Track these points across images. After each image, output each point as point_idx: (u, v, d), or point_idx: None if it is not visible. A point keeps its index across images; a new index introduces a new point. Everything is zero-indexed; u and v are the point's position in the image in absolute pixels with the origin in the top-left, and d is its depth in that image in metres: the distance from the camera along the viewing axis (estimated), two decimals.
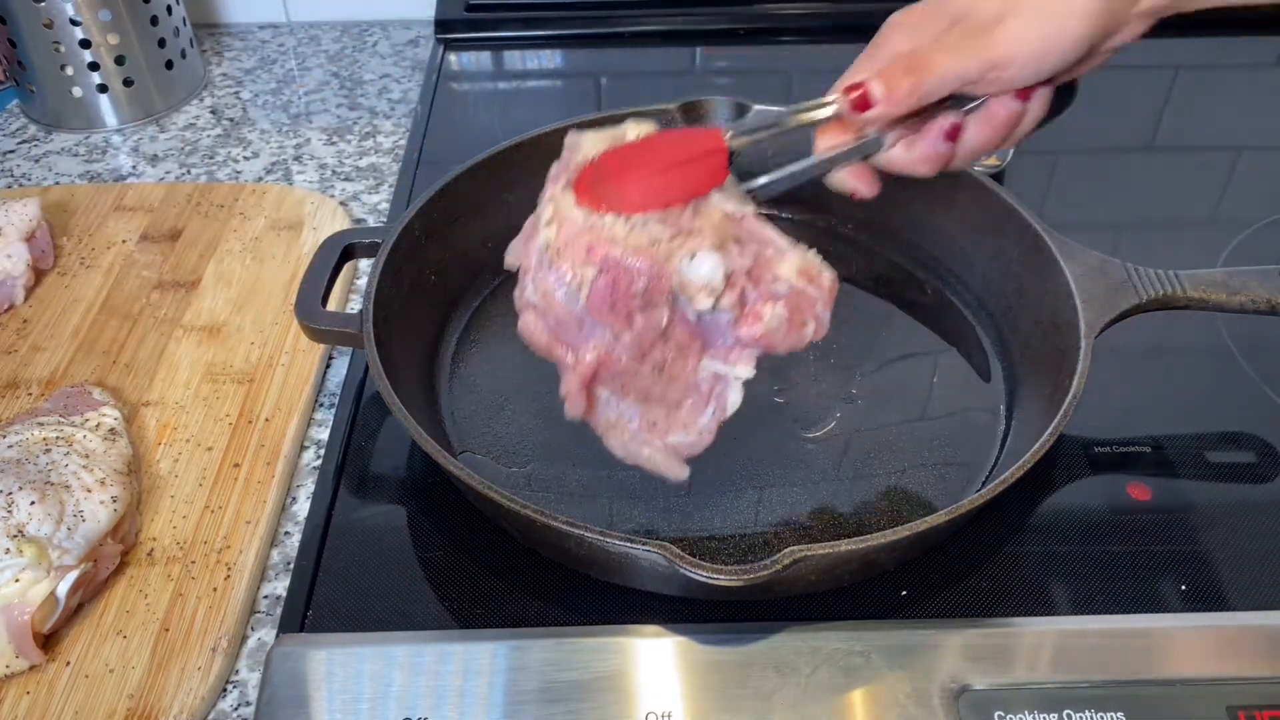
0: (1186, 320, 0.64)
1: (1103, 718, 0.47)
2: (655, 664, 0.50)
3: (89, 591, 0.54)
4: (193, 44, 0.99)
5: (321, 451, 0.63)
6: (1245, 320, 0.62)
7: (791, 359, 0.66)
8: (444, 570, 0.55)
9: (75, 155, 0.91)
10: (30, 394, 0.66)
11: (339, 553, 0.56)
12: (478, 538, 0.56)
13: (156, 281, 0.75)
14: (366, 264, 0.76)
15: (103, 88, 0.92)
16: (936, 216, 0.72)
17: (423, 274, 0.66)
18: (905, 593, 0.53)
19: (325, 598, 0.54)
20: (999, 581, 0.54)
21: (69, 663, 0.51)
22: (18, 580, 0.50)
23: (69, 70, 0.90)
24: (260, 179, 0.88)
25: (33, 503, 0.52)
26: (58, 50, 0.89)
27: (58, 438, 0.57)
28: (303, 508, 0.60)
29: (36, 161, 0.90)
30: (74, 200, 0.82)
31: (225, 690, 0.52)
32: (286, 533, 0.59)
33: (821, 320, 0.50)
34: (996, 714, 0.47)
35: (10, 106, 0.97)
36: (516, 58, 1.04)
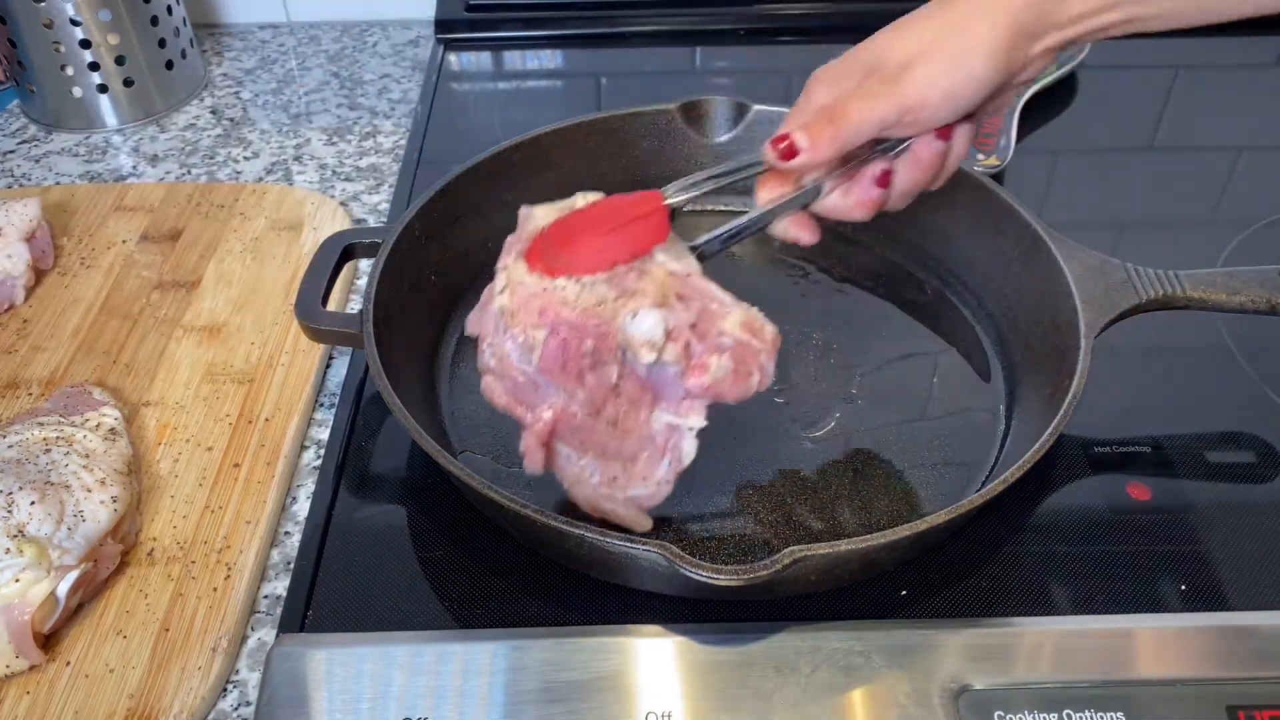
0: (1186, 320, 0.64)
1: (1103, 718, 0.47)
2: (655, 664, 0.50)
3: (89, 591, 0.54)
4: (193, 44, 0.99)
5: (321, 451, 0.63)
6: (1245, 320, 0.62)
7: (791, 359, 0.66)
8: (444, 570, 0.55)
9: (75, 155, 0.91)
10: (30, 394, 0.66)
11: (339, 553, 0.56)
12: (478, 538, 0.56)
13: (157, 281, 0.75)
14: (366, 264, 0.76)
15: (103, 88, 0.92)
16: (936, 216, 0.72)
17: (423, 274, 0.66)
18: (905, 593, 0.53)
19: (325, 598, 0.54)
20: (999, 581, 0.54)
21: (69, 663, 0.51)
22: (18, 580, 0.50)
23: (69, 70, 0.90)
24: (260, 179, 0.88)
25: (33, 503, 0.52)
26: (58, 50, 0.89)
27: (58, 438, 0.57)
28: (303, 508, 0.60)
29: (37, 162, 0.90)
30: (74, 200, 0.82)
31: (225, 690, 0.52)
32: (286, 533, 0.59)
33: (766, 371, 0.52)
34: (996, 714, 0.47)
35: (10, 106, 0.97)
36: (516, 58, 1.04)
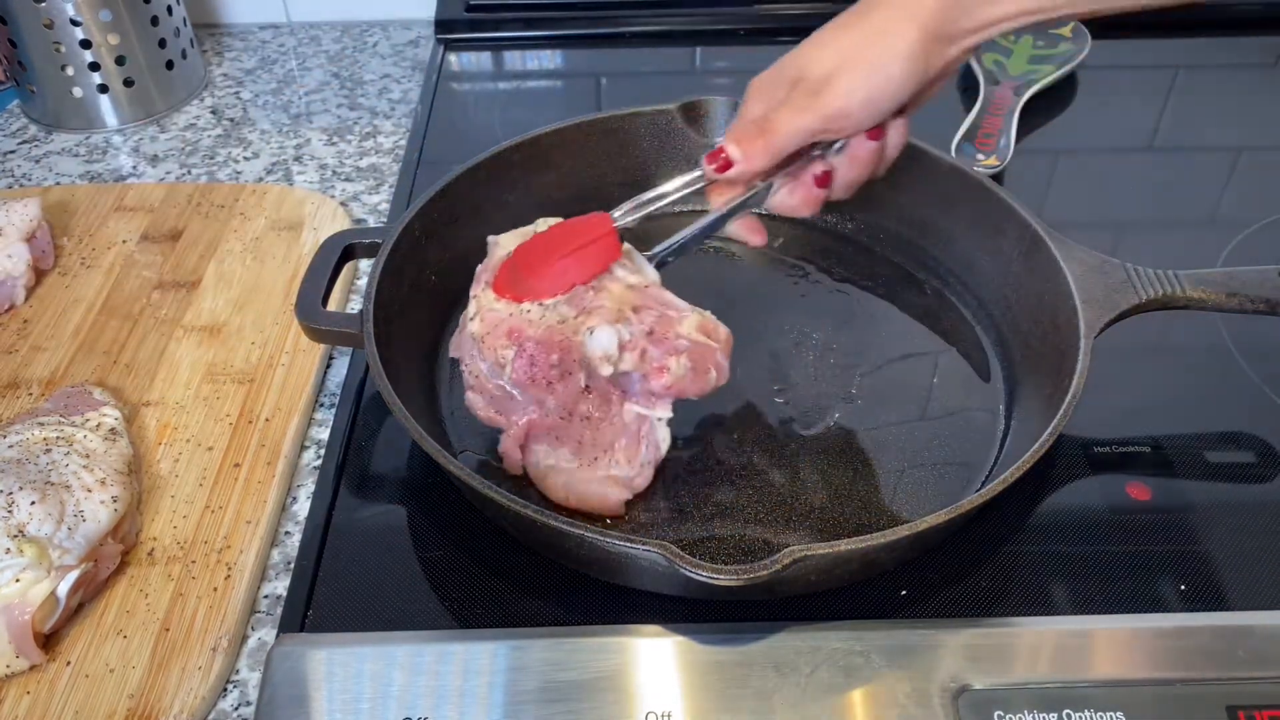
0: (1186, 320, 0.64)
1: (1102, 718, 0.47)
2: (655, 664, 0.50)
3: (89, 591, 0.54)
4: (193, 44, 0.99)
5: (322, 451, 0.64)
6: (1245, 320, 0.62)
7: (791, 359, 0.67)
8: (444, 570, 0.55)
9: (76, 155, 0.91)
10: (31, 394, 0.66)
11: (339, 553, 0.56)
12: (478, 538, 0.56)
13: (157, 282, 0.75)
14: (367, 264, 0.76)
15: (103, 88, 0.92)
16: (936, 216, 0.72)
17: (423, 274, 0.66)
18: (905, 592, 0.53)
19: (325, 597, 0.54)
20: (999, 581, 0.54)
21: (69, 662, 0.51)
22: (18, 580, 0.50)
23: (69, 70, 0.90)
24: (261, 179, 0.88)
25: (33, 503, 0.52)
26: (58, 51, 0.89)
27: (58, 438, 0.57)
28: (303, 507, 0.60)
29: (37, 162, 0.90)
30: (74, 200, 0.82)
31: (225, 690, 0.52)
32: (287, 532, 0.59)
33: (722, 368, 0.56)
34: (996, 714, 0.47)
35: (11, 107, 0.97)
36: (516, 58, 1.04)
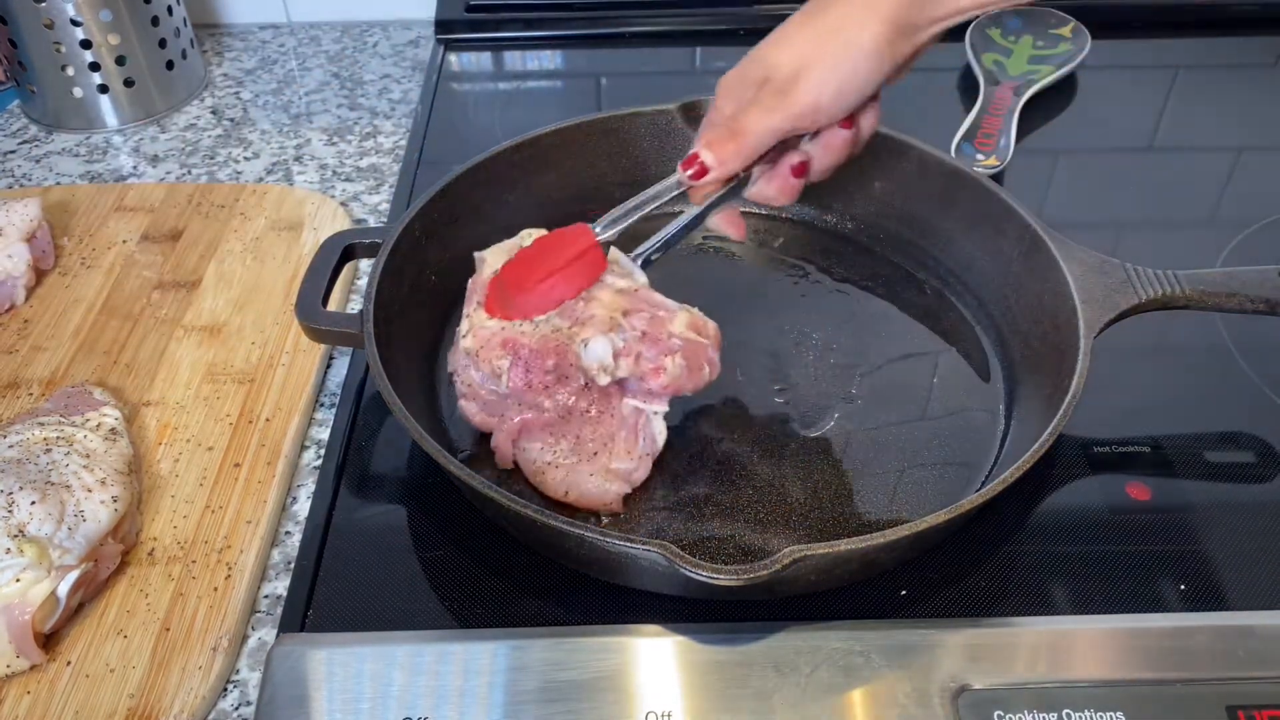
0: (1186, 320, 0.64)
1: (1102, 718, 0.47)
2: (655, 664, 0.50)
3: (89, 591, 0.54)
4: (193, 44, 0.99)
5: (322, 451, 0.64)
6: (1245, 320, 0.62)
7: (791, 359, 0.67)
8: (444, 570, 0.55)
9: (76, 155, 0.91)
10: (31, 394, 0.66)
11: (339, 553, 0.56)
12: (478, 538, 0.56)
13: (157, 282, 0.75)
14: (367, 264, 0.76)
15: (103, 88, 0.92)
16: (936, 216, 0.72)
17: (423, 274, 0.66)
18: (905, 592, 0.53)
19: (325, 597, 0.54)
20: (999, 581, 0.54)
21: (70, 662, 0.52)
22: (18, 580, 0.50)
23: (70, 71, 0.90)
24: (261, 179, 0.88)
25: (33, 502, 0.52)
26: (58, 51, 0.89)
27: (58, 438, 0.57)
28: (303, 507, 0.60)
29: (37, 162, 0.90)
30: (75, 200, 0.82)
31: (226, 690, 0.52)
32: (287, 532, 0.59)
33: (714, 363, 0.58)
34: (996, 714, 0.47)
35: (11, 107, 0.97)
36: (516, 58, 1.04)
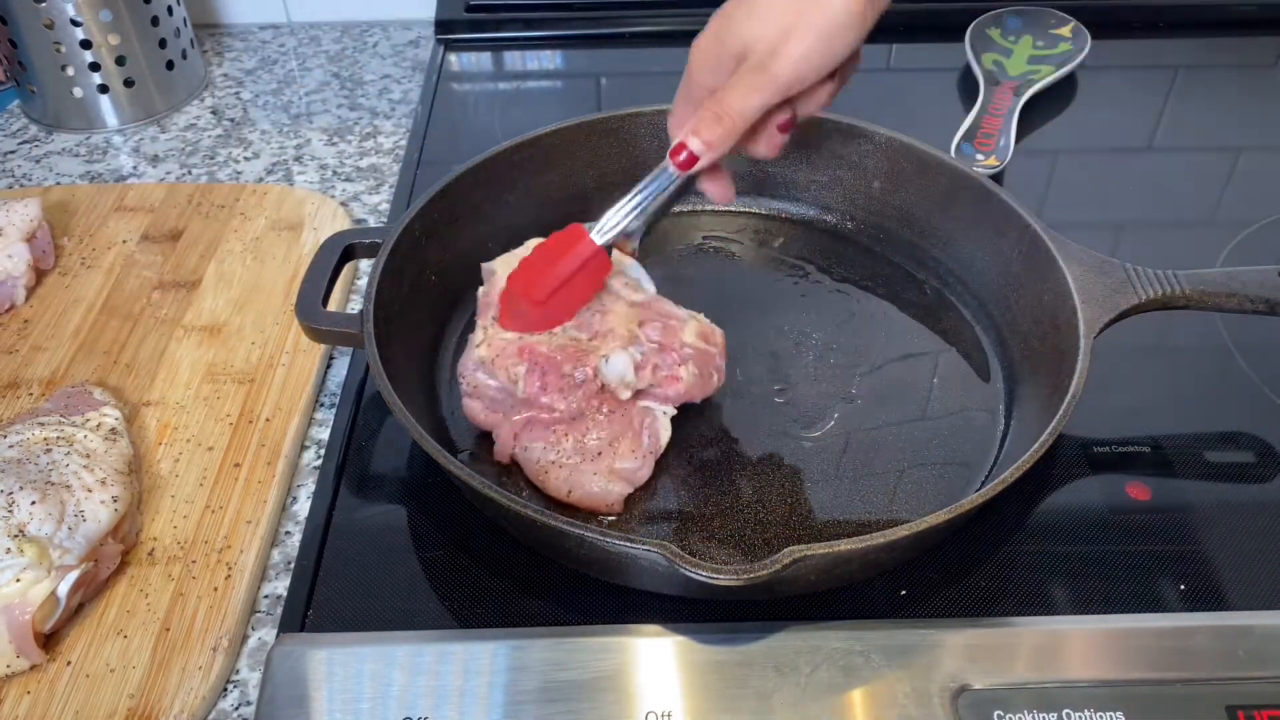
0: (1186, 320, 0.64)
1: (1102, 718, 0.47)
2: (655, 664, 0.50)
3: (90, 591, 0.54)
4: (193, 44, 0.99)
5: (322, 451, 0.64)
6: (1245, 320, 0.62)
7: (791, 359, 0.67)
8: (444, 570, 0.55)
9: (76, 156, 0.91)
10: (31, 394, 0.66)
11: (339, 552, 0.56)
12: (478, 538, 0.56)
13: (157, 282, 0.75)
14: (367, 264, 0.76)
15: (103, 88, 0.92)
16: (936, 216, 0.72)
17: (423, 274, 0.66)
18: (905, 592, 0.53)
19: (325, 597, 0.54)
20: (999, 581, 0.54)
21: (70, 662, 0.52)
22: (19, 580, 0.50)
23: (70, 71, 0.90)
24: (261, 179, 0.88)
25: (33, 502, 0.52)
26: (59, 51, 0.89)
27: (58, 438, 0.57)
28: (303, 507, 0.60)
29: (37, 162, 0.90)
30: (75, 200, 0.82)
31: (226, 690, 0.52)
32: (287, 532, 0.59)
33: (721, 371, 0.61)
34: (996, 713, 0.47)
35: (11, 107, 0.97)
36: (516, 58, 1.04)
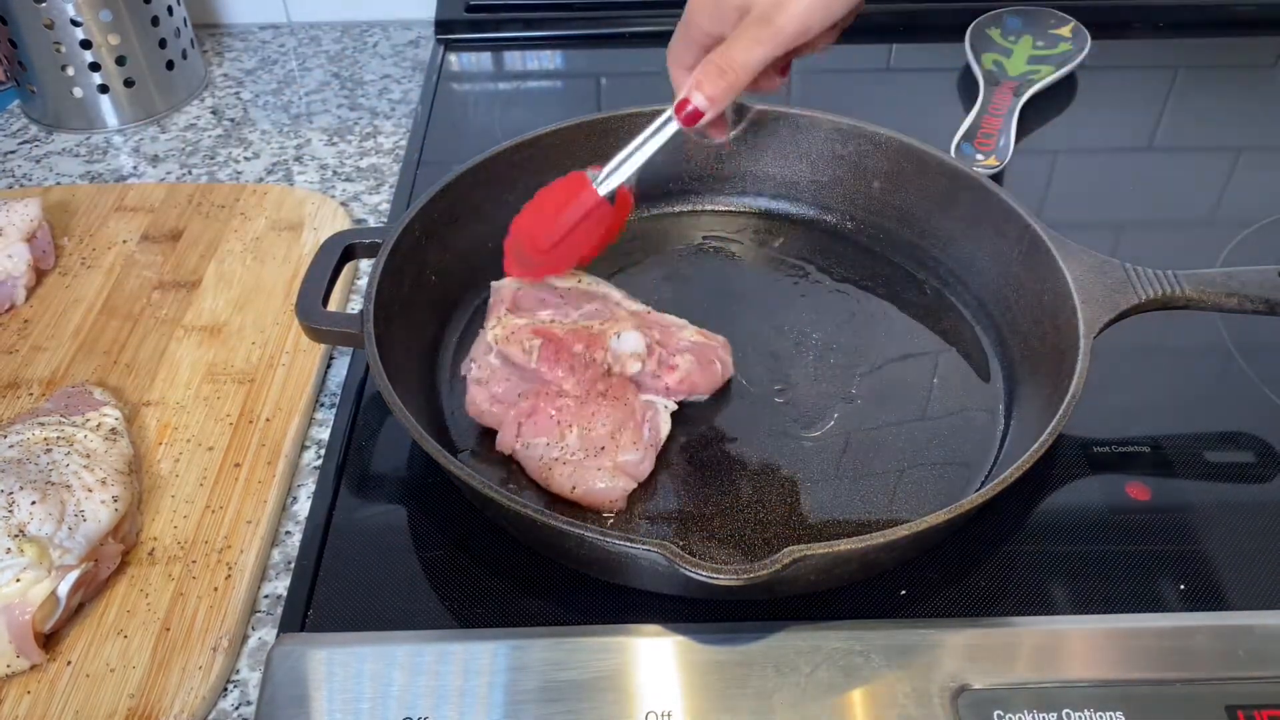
0: (1186, 320, 0.64)
1: (1102, 717, 0.47)
2: (655, 664, 0.50)
3: (90, 591, 0.54)
4: (194, 44, 0.99)
5: (322, 451, 0.64)
6: (1245, 320, 0.62)
7: (791, 359, 0.67)
8: (444, 570, 0.55)
9: (76, 156, 0.91)
10: (31, 394, 0.66)
11: (339, 552, 0.56)
12: (478, 538, 0.56)
13: (157, 282, 0.75)
14: (367, 264, 0.76)
15: (104, 88, 0.92)
16: (936, 216, 0.72)
17: (423, 274, 0.66)
18: (905, 592, 0.53)
19: (326, 597, 0.54)
20: (998, 581, 0.54)
21: (70, 662, 0.52)
22: (19, 580, 0.50)
23: (70, 71, 0.90)
24: (261, 179, 0.88)
25: (34, 502, 0.52)
26: (59, 51, 0.89)
27: (59, 437, 0.57)
28: (303, 507, 0.60)
29: (37, 162, 0.90)
30: (75, 200, 0.82)
31: (226, 690, 0.52)
32: (287, 532, 0.59)
33: (726, 362, 0.63)
34: (995, 713, 0.47)
35: (11, 107, 0.97)
36: (516, 58, 1.04)
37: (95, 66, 0.90)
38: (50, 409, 0.61)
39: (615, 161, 0.59)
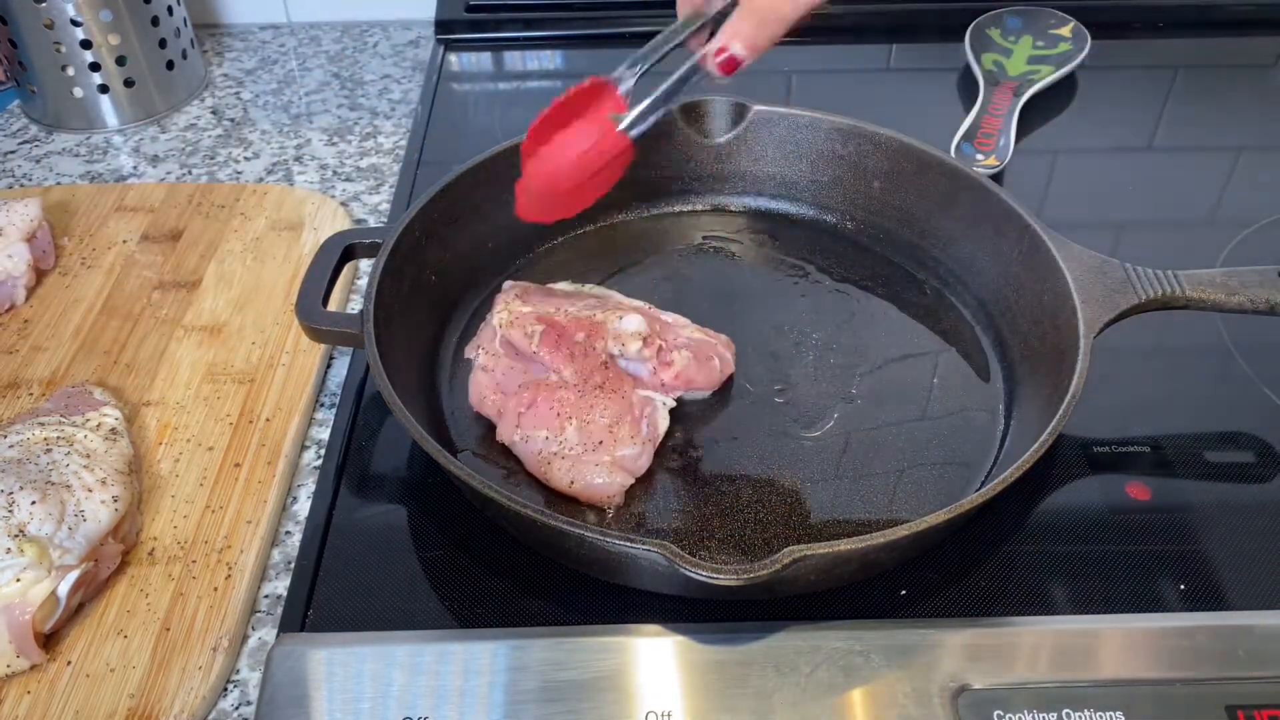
0: (1186, 320, 0.64)
1: (1102, 717, 0.47)
2: (655, 664, 0.50)
3: (90, 591, 0.54)
4: (194, 44, 0.99)
5: (322, 451, 0.64)
6: (1245, 320, 0.62)
7: (791, 359, 0.67)
8: (444, 570, 0.55)
9: (76, 156, 0.91)
10: (31, 394, 0.66)
11: (339, 552, 0.56)
12: (478, 538, 0.56)
13: (157, 282, 0.75)
14: (367, 264, 0.76)
15: (104, 88, 0.92)
16: (936, 217, 0.72)
17: (423, 274, 0.66)
18: (905, 592, 0.53)
19: (325, 597, 0.54)
20: (998, 581, 0.54)
21: (70, 662, 0.52)
22: (19, 580, 0.50)
23: (70, 71, 0.90)
24: (261, 179, 0.88)
25: (34, 502, 0.52)
26: (59, 51, 0.89)
27: (59, 437, 0.57)
28: (303, 507, 0.60)
29: (38, 162, 0.90)
30: (75, 200, 0.82)
31: (226, 690, 0.52)
32: (287, 532, 0.59)
33: (725, 358, 0.64)
34: (995, 713, 0.47)
35: (11, 107, 0.97)
36: (516, 58, 1.04)
37: (95, 66, 0.90)
38: (50, 409, 0.61)
39: (644, 106, 0.56)
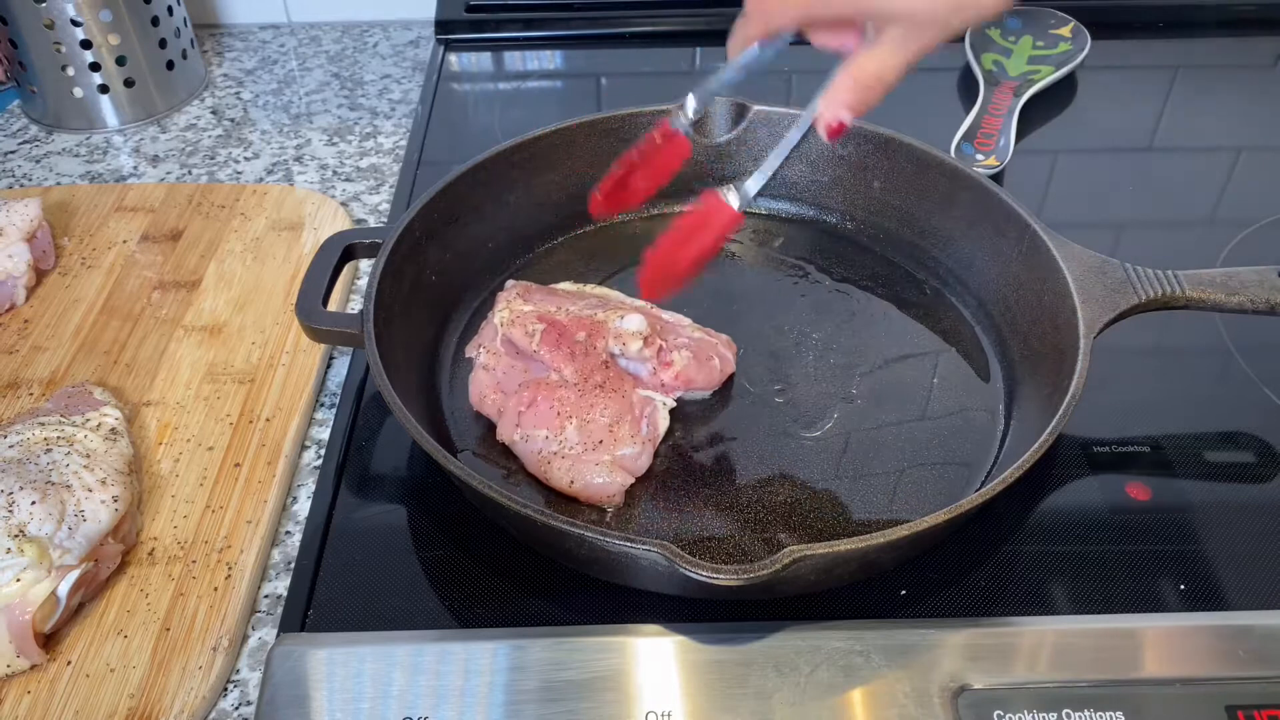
0: (1186, 320, 0.64)
1: (1102, 717, 0.47)
2: (655, 664, 0.50)
3: (90, 591, 0.54)
4: (194, 44, 0.99)
5: (322, 451, 0.64)
6: (1245, 320, 0.62)
7: (791, 359, 0.67)
8: (444, 570, 0.55)
9: (76, 156, 0.91)
10: (31, 394, 0.66)
11: (339, 552, 0.56)
12: (478, 538, 0.56)
13: (157, 282, 0.75)
14: (367, 264, 0.77)
15: (104, 88, 0.92)
16: (936, 216, 0.72)
17: (423, 274, 0.67)
18: (905, 592, 0.53)
19: (325, 597, 0.54)
20: (998, 581, 0.54)
21: (70, 662, 0.52)
22: (19, 580, 0.50)
23: (70, 71, 0.90)
24: (261, 179, 0.88)
25: (34, 502, 0.52)
26: (59, 51, 0.89)
27: (59, 437, 0.57)
28: (303, 507, 0.60)
29: (38, 162, 0.90)
30: (75, 200, 0.82)
31: (226, 689, 0.52)
32: (287, 532, 0.59)
33: (725, 358, 0.64)
34: (995, 713, 0.47)
35: (11, 107, 0.97)
36: (516, 58, 1.04)
37: (95, 66, 0.90)
38: (50, 409, 0.61)
39: (755, 180, 0.56)
